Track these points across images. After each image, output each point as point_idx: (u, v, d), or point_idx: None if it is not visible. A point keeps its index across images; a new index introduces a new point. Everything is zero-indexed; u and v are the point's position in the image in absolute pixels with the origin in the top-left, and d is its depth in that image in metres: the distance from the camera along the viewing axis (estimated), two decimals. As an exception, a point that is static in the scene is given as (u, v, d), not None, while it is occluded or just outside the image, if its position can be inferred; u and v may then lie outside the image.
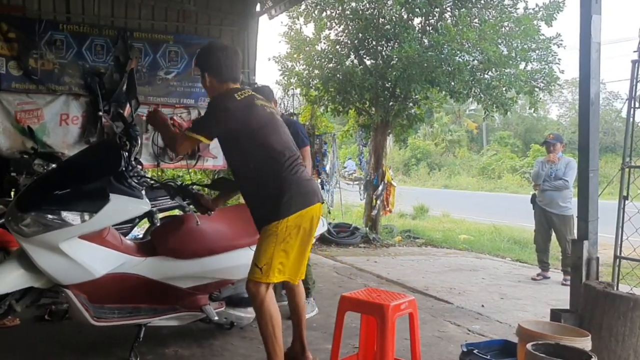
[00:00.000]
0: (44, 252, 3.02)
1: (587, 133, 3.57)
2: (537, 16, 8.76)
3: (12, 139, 7.30)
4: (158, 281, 3.37)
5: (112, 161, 3.23)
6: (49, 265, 3.04)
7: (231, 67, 3.17)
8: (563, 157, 6.81)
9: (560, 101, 38.53)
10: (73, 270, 3.09)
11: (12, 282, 3.09)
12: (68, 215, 3.04)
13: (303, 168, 3.15)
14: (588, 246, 3.53)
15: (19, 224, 3.00)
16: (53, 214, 3.02)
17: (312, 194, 3.09)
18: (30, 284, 3.13)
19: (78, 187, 3.15)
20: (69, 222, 3.04)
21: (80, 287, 3.16)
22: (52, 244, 3.01)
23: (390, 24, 8.97)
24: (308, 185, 3.10)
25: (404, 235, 10.10)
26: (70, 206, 3.06)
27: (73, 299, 3.15)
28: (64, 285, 3.13)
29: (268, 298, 3.01)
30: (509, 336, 3.85)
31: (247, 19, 8.71)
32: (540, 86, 8.92)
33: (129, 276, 3.30)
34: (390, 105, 9.23)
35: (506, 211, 14.80)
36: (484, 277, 6.89)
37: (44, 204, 3.04)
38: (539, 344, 2.74)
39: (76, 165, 3.54)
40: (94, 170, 3.24)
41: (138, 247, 3.51)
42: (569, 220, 6.52)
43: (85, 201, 3.09)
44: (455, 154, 35.17)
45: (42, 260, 3.03)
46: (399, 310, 2.85)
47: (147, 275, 3.34)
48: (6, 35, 7.16)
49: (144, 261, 3.36)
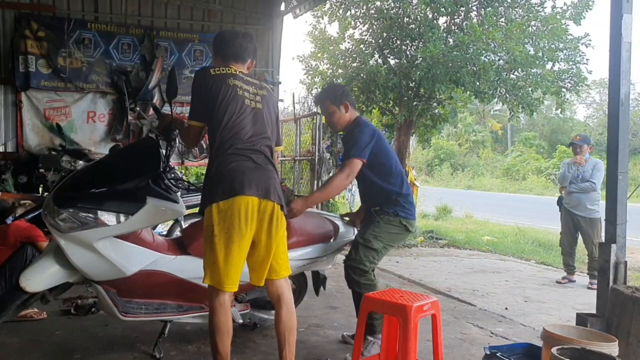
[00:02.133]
0: (78, 249, 3.05)
1: (616, 134, 3.51)
2: (565, 15, 8.64)
3: (41, 135, 7.47)
4: (187, 280, 3.37)
5: (151, 162, 3.20)
6: (83, 262, 3.07)
7: (235, 47, 3.05)
8: (590, 158, 6.68)
9: (587, 102, 37.90)
10: (106, 268, 3.11)
11: (49, 279, 3.14)
12: (104, 215, 3.04)
13: (259, 158, 2.88)
14: (616, 249, 3.47)
15: (56, 219, 3.03)
16: (89, 213, 3.02)
17: (248, 183, 2.77)
18: (65, 279, 3.18)
19: (115, 187, 3.14)
20: (105, 222, 3.04)
21: (111, 283, 3.20)
22: (87, 242, 3.04)
23: (415, 23, 8.92)
24: (248, 175, 2.79)
25: (426, 236, 10.03)
26: (107, 206, 3.05)
27: (103, 294, 3.19)
28: (95, 281, 3.18)
29: (217, 305, 2.79)
30: (533, 340, 3.80)
31: (272, 17, 8.76)
32: (567, 87, 8.79)
33: (158, 273, 3.31)
34: (414, 105, 9.18)
35: (531, 213, 14.61)
36: (507, 279, 6.81)
37: (81, 202, 3.04)
38: (564, 349, 2.69)
39: (115, 163, 3.52)
40: (133, 170, 3.21)
41: (169, 245, 3.51)
42: (596, 223, 6.40)
43: (122, 202, 3.08)
44: (479, 154, 34.85)
45: (77, 257, 3.06)
46: (421, 311, 2.83)
47: (176, 274, 3.35)
48: (36, 34, 7.32)
49: (174, 259, 3.37)
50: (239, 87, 2.92)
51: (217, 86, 2.86)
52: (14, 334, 3.81)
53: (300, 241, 3.70)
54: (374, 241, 3.53)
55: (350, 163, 3.54)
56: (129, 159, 3.44)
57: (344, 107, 3.72)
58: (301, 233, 3.71)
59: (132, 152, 3.79)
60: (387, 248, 3.63)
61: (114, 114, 7.75)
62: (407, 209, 3.65)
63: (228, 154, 2.82)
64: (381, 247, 3.56)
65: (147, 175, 3.16)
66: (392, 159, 3.70)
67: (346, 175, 3.53)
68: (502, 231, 11.38)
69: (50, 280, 3.15)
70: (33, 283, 3.10)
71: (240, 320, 3.62)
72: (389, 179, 3.65)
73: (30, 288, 3.10)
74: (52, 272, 3.14)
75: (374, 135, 3.63)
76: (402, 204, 3.62)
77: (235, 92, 2.89)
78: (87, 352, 3.57)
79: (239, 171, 2.80)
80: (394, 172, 3.66)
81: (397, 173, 3.68)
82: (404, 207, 3.63)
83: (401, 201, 3.62)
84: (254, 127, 2.91)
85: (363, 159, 3.54)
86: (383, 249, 3.59)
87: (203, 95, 2.88)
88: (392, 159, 3.70)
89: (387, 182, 3.65)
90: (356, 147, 3.56)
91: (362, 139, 3.57)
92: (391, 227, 3.60)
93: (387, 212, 3.61)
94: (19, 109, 7.36)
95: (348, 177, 3.56)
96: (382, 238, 3.57)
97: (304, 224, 3.79)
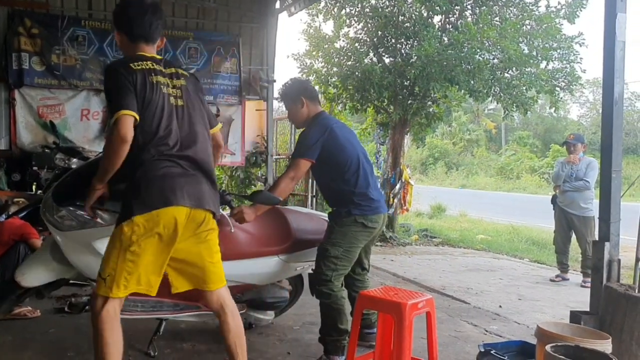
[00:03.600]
0: (76, 247, 3.03)
1: (610, 133, 3.53)
2: (559, 14, 8.67)
3: (34, 133, 7.44)
4: None
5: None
6: (80, 260, 3.06)
7: (145, 25, 2.67)
8: (584, 157, 6.72)
9: (581, 101, 38.06)
10: None
11: (45, 275, 3.14)
12: (103, 215, 3.01)
13: (188, 164, 2.59)
14: (609, 248, 3.49)
15: (54, 216, 3.01)
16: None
17: (179, 191, 2.51)
18: (62, 276, 3.18)
19: (115, 186, 3.05)
20: (104, 222, 3.01)
21: None
22: (85, 241, 3.02)
23: (410, 21, 8.92)
24: (178, 182, 2.52)
25: (420, 235, 10.06)
26: (107, 205, 2.99)
27: None
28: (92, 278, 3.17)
29: (104, 316, 2.45)
30: (527, 337, 3.81)
31: (267, 16, 8.76)
32: (561, 86, 8.82)
33: None
34: (409, 104, 9.18)
35: (524, 212, 14.66)
36: (501, 277, 6.84)
37: (79, 200, 2.99)
38: (558, 346, 2.71)
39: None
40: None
41: None
42: (589, 222, 6.44)
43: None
44: (474, 153, 34.93)
45: (74, 254, 3.04)
46: (416, 309, 2.83)
47: None
48: (30, 31, 7.28)
49: None
50: (162, 83, 2.60)
51: (141, 83, 2.51)
52: (7, 332, 3.79)
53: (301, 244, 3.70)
54: (331, 248, 3.37)
55: (294, 163, 3.41)
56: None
57: (300, 103, 3.55)
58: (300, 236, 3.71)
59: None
60: (350, 250, 3.43)
61: (107, 111, 7.72)
62: (363, 206, 3.43)
63: (155, 159, 2.52)
64: (340, 252, 3.38)
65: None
66: (348, 156, 3.46)
67: (291, 177, 3.38)
68: (496, 230, 11.43)
69: (46, 276, 3.14)
70: (28, 278, 3.09)
71: None
72: (342, 177, 3.46)
73: (26, 283, 3.09)
74: (48, 268, 3.13)
75: (324, 131, 3.43)
76: (356, 201, 3.42)
77: (159, 91, 2.57)
78: (80, 351, 3.56)
79: (168, 178, 2.52)
80: (348, 170, 3.45)
81: (353, 171, 3.46)
82: (359, 204, 3.42)
83: (355, 199, 3.42)
84: (181, 129, 2.61)
85: (309, 158, 3.39)
86: (344, 253, 3.39)
87: (130, 87, 2.48)
88: (348, 156, 3.46)
89: (339, 182, 3.48)
90: (302, 146, 3.43)
91: (309, 138, 3.43)
92: (346, 228, 3.41)
93: (340, 213, 3.44)
94: (13, 107, 7.32)
95: (293, 179, 3.40)
96: (340, 242, 3.39)
97: (303, 226, 3.79)
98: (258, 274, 3.60)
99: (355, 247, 3.47)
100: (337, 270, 3.41)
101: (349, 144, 3.53)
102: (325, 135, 3.42)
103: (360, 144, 3.73)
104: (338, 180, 3.49)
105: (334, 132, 3.47)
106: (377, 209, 3.51)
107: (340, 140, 3.48)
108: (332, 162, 3.46)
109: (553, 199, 6.90)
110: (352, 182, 3.46)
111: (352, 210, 3.42)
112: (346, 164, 3.46)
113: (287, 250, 3.64)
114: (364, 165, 3.53)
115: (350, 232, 3.42)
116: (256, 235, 3.62)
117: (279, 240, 3.64)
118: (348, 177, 3.46)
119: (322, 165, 3.47)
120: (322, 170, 3.54)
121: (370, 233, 3.52)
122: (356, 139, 3.75)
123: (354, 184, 3.46)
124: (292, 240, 3.66)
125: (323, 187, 3.70)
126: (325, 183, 3.64)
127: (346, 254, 3.42)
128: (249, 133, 8.80)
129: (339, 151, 3.45)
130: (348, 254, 3.43)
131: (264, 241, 3.62)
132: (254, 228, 3.62)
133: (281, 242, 3.64)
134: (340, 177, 3.48)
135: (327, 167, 3.49)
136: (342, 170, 3.46)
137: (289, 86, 3.69)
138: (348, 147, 3.50)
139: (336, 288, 3.41)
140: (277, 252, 3.61)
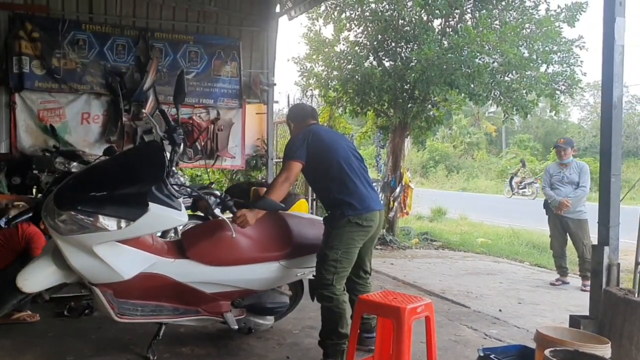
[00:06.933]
0: (77, 252, 3.02)
1: (609, 137, 3.53)
2: (559, 18, 8.66)
3: (35, 136, 7.43)
4: (184, 283, 3.36)
5: (155, 167, 3.13)
6: (81, 265, 3.05)
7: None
8: (574, 161, 6.78)
9: (581, 104, 38.04)
10: (104, 271, 3.09)
11: (47, 280, 3.13)
12: (105, 220, 2.99)
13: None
14: (609, 252, 3.49)
15: (55, 220, 3.00)
16: (90, 217, 2.97)
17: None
18: (63, 280, 3.16)
19: (118, 191, 3.07)
20: (105, 227, 2.99)
21: (107, 284, 3.18)
22: (86, 246, 3.01)
23: (410, 25, 8.93)
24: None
25: (421, 238, 10.04)
26: (108, 210, 2.99)
27: (100, 296, 3.18)
28: (93, 283, 3.16)
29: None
30: (527, 342, 3.81)
31: (267, 19, 8.76)
32: (561, 89, 8.80)
33: (156, 276, 3.29)
34: (409, 107, 9.18)
35: (525, 215, 14.63)
36: (501, 281, 6.83)
37: (81, 204, 3.00)
38: (557, 350, 2.70)
39: (118, 166, 3.45)
40: (136, 175, 3.16)
41: (168, 248, 3.48)
42: (584, 224, 6.48)
43: (123, 207, 3.02)
44: (474, 156, 34.88)
45: (75, 259, 3.03)
46: (415, 313, 2.83)
47: (174, 277, 3.33)
48: (30, 34, 7.28)
49: (172, 263, 3.35)
50: None
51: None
52: (6, 336, 3.79)
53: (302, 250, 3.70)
54: (329, 252, 3.42)
55: (284, 166, 3.54)
56: (133, 163, 3.38)
57: (289, 125, 3.96)
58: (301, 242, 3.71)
59: (136, 155, 3.70)
60: (348, 252, 3.46)
61: (108, 115, 7.72)
62: (355, 205, 3.47)
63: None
64: (339, 254, 3.42)
65: (151, 182, 3.09)
66: (334, 153, 3.55)
67: (284, 178, 3.47)
68: (496, 233, 11.41)
69: (48, 281, 3.14)
70: (30, 283, 3.08)
71: (235, 327, 3.61)
72: (331, 176, 3.53)
73: (27, 289, 3.08)
74: (49, 273, 3.12)
75: (308, 134, 3.58)
76: (348, 201, 3.46)
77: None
78: (80, 354, 3.56)
79: None
80: (335, 167, 3.52)
81: (340, 168, 3.52)
82: (351, 204, 3.46)
83: (346, 199, 3.47)
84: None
85: (297, 159, 3.50)
86: (343, 255, 3.43)
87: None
88: (334, 153, 3.55)
89: (329, 182, 3.56)
90: (289, 150, 3.58)
91: (294, 141, 3.59)
92: (342, 230, 3.44)
93: (335, 216, 3.49)
94: (13, 110, 7.31)
95: (287, 180, 3.47)
96: (337, 245, 3.43)
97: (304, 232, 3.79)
98: (259, 280, 3.60)
99: (354, 248, 3.50)
100: (338, 273, 3.43)
101: (333, 142, 3.66)
102: (309, 137, 3.57)
103: (348, 142, 3.87)
104: (328, 180, 3.56)
105: (317, 133, 3.62)
106: (370, 207, 3.55)
107: (325, 140, 3.62)
108: (319, 162, 3.54)
109: (545, 203, 6.92)
110: (341, 180, 3.52)
111: (345, 212, 3.46)
112: (333, 161, 3.54)
113: (288, 256, 3.64)
114: (352, 163, 3.60)
115: (346, 234, 3.45)
116: (257, 240, 3.61)
117: (280, 246, 3.64)
118: (336, 175, 3.52)
119: (312, 168, 3.57)
120: (313, 173, 3.65)
121: (367, 232, 3.55)
122: (343, 138, 3.94)
123: (343, 182, 3.52)
124: (293, 246, 3.66)
125: (317, 191, 3.83)
126: (318, 187, 3.76)
127: (345, 256, 3.45)
128: (249, 136, 8.79)
129: (324, 150, 3.56)
130: (347, 256, 3.47)
131: (265, 247, 3.62)
132: (255, 233, 3.62)
133: (282, 248, 3.64)
134: (329, 177, 3.54)
135: (316, 168, 3.57)
136: (329, 168, 3.54)
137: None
138: (333, 145, 3.62)
139: (338, 291, 3.43)
140: (278, 258, 3.61)
